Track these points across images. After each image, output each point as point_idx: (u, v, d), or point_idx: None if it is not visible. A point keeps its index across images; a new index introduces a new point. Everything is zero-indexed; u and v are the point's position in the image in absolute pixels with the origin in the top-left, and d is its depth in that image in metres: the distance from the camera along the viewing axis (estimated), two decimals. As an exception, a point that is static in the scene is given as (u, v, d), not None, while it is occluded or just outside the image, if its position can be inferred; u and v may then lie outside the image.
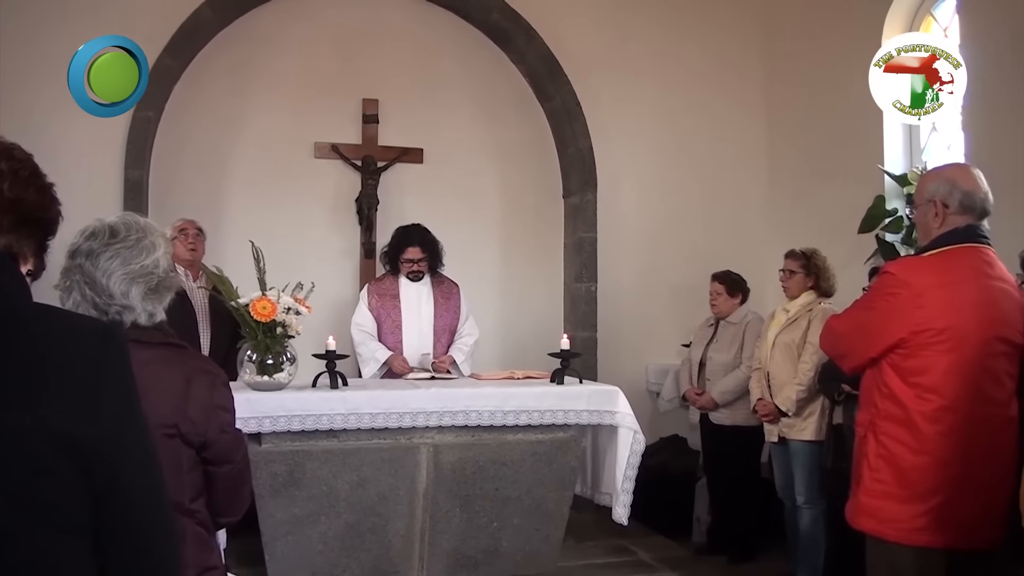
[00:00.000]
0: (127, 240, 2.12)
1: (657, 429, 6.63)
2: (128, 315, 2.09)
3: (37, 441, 1.17)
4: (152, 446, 1.36)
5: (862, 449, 3.02)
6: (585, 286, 7.11)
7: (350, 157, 6.94)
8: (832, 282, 5.17)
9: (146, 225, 2.19)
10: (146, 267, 2.12)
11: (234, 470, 2.32)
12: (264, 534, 4.33)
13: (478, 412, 4.52)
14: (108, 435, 1.24)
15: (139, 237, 2.14)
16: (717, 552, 5.68)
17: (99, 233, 2.12)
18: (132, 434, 1.30)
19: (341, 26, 6.94)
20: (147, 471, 1.33)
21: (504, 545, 4.65)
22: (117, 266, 2.08)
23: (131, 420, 1.30)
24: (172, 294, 2.23)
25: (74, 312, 1.96)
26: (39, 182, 1.42)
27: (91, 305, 2.07)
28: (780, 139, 7.33)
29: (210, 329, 5.33)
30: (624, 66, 7.23)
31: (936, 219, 3.00)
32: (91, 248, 2.10)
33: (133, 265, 2.10)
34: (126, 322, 2.08)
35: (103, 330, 1.34)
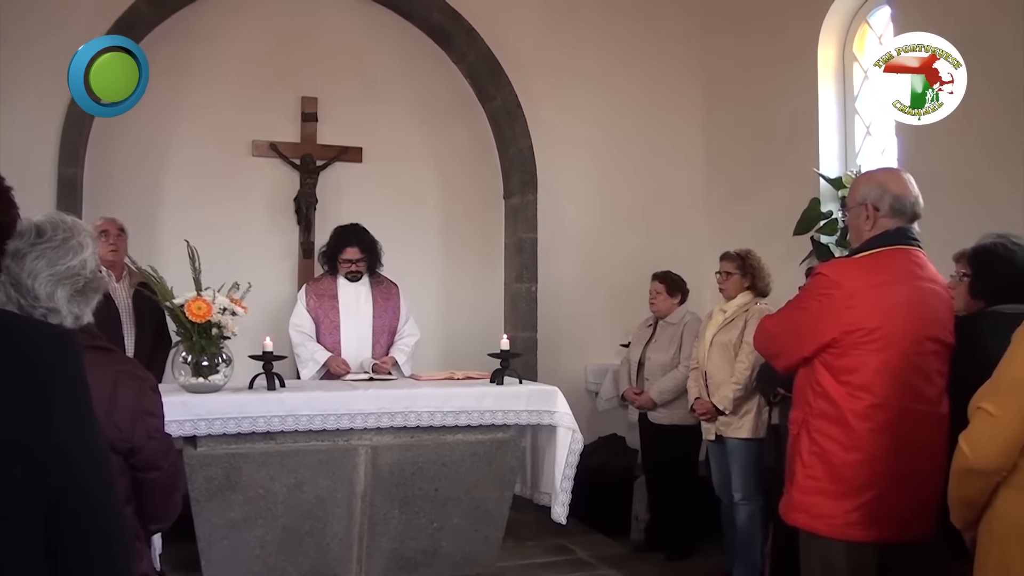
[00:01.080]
0: (53, 240, 2.05)
1: (596, 428, 6.66)
2: (54, 318, 2.03)
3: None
4: (104, 452, 1.34)
5: (795, 447, 3.07)
6: (525, 287, 7.13)
7: (288, 155, 6.87)
8: (768, 282, 5.25)
9: (73, 224, 2.12)
10: (73, 268, 2.05)
11: (163, 476, 2.28)
12: (200, 539, 4.26)
13: (417, 413, 4.51)
14: (61, 441, 1.22)
15: (66, 237, 2.07)
16: (655, 549, 5.74)
17: (25, 233, 2.05)
18: (85, 440, 1.28)
19: (280, 23, 6.87)
20: (99, 477, 1.31)
21: (443, 546, 4.64)
22: (43, 267, 2.02)
23: (84, 426, 1.28)
24: (99, 296, 2.16)
25: (30, 318, 1.89)
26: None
27: (16, 307, 2.01)
28: (718, 142, 7.42)
29: (134, 330, 5.22)
30: (565, 67, 7.26)
31: (868, 222, 3.06)
32: (16, 248, 2.02)
33: (59, 266, 2.03)
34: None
35: (58, 336, 1.32)
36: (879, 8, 6.14)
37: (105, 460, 1.35)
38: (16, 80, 5.92)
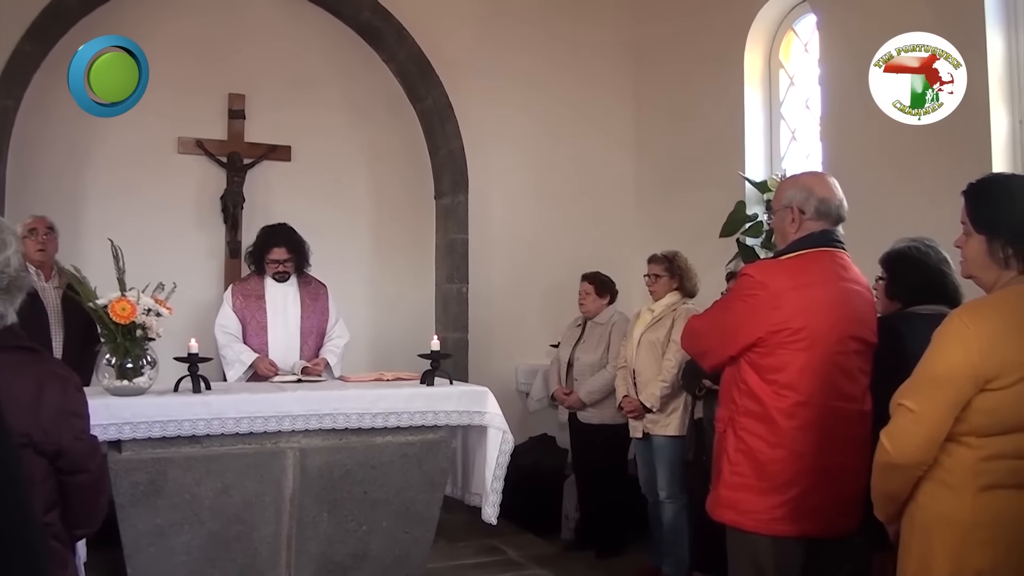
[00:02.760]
0: None
1: (527, 429, 6.69)
2: (-25, 317, 1.98)
3: None
4: (15, 464, 1.29)
5: (722, 444, 3.12)
6: (456, 287, 7.12)
7: (215, 153, 6.75)
8: (695, 282, 5.34)
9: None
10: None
11: (89, 479, 2.22)
12: (125, 546, 4.16)
13: (346, 415, 4.46)
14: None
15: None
16: (586, 548, 5.79)
17: None
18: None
19: (208, 18, 6.75)
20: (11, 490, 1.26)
21: (373, 549, 4.60)
22: None
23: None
24: (24, 295, 2.11)
25: None
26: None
27: None
28: (648, 145, 7.50)
29: (63, 331, 5.12)
30: (495, 68, 7.26)
31: (793, 224, 3.12)
32: None
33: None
34: None
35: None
36: (805, 16, 6.27)
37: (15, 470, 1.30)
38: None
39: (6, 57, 5.95)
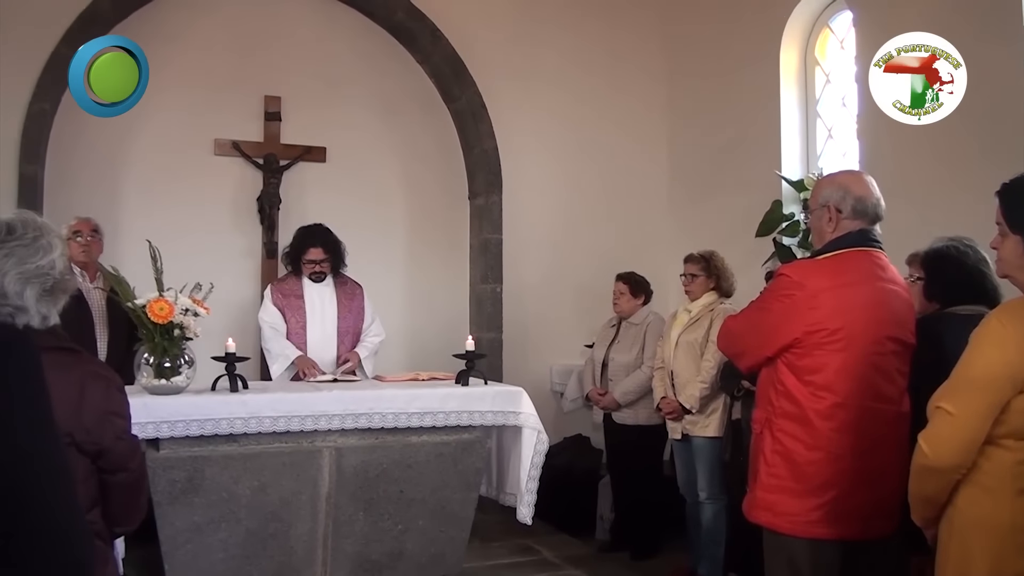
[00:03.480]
0: (23, 239, 2.04)
1: (561, 429, 6.68)
2: (21, 317, 2.01)
3: None
4: (64, 458, 1.31)
5: (758, 445, 3.10)
6: (491, 287, 7.13)
7: (251, 155, 6.82)
8: (732, 282, 5.30)
9: (43, 225, 2.11)
10: (42, 268, 2.04)
11: (130, 478, 2.26)
12: (163, 543, 4.21)
13: (381, 414, 4.48)
14: (15, 449, 1.19)
15: (36, 236, 2.06)
16: (620, 549, 5.76)
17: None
18: (41, 447, 1.25)
19: (243, 21, 6.82)
20: (57, 483, 1.28)
21: (409, 548, 4.63)
22: (12, 265, 2.00)
23: (40, 433, 1.25)
24: (67, 297, 2.15)
25: None
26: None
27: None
28: (682, 144, 7.47)
29: (108, 331, 5.18)
30: (529, 68, 7.27)
31: (830, 224, 3.09)
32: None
33: (28, 265, 2.02)
34: (19, 324, 2.00)
35: (6, 339, 1.29)
36: (840, 13, 6.21)
37: (63, 465, 1.32)
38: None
39: (43, 61, 6.04)
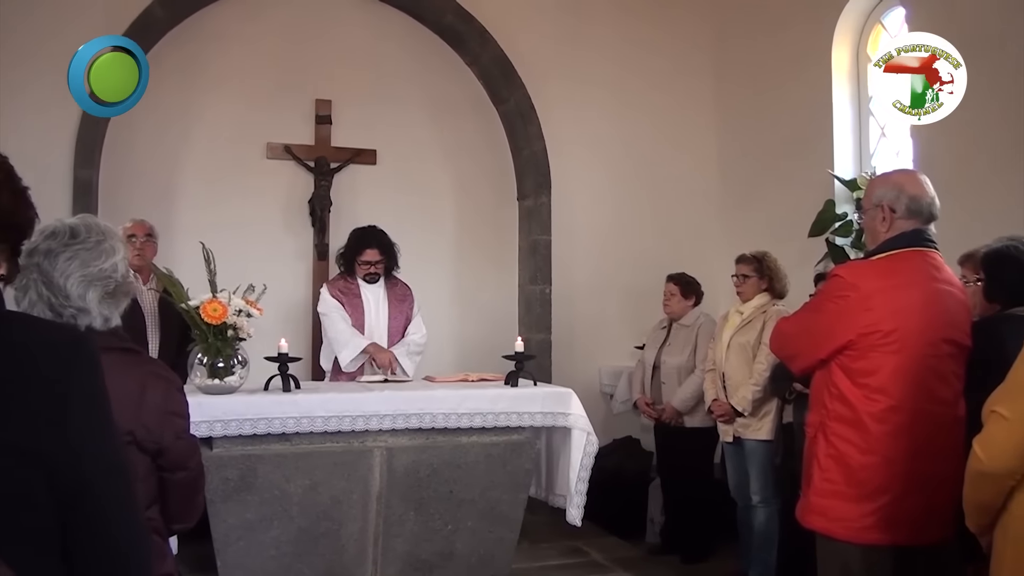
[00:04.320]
0: (87, 242, 2.09)
1: (611, 431, 6.66)
2: (83, 318, 2.06)
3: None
4: (123, 457, 1.33)
5: (812, 449, 3.06)
6: (540, 288, 7.13)
7: (303, 158, 6.89)
8: (785, 283, 5.24)
9: (106, 229, 2.16)
10: (104, 271, 2.08)
11: (189, 477, 2.30)
12: (216, 540, 4.27)
13: (432, 414, 4.51)
14: (74, 447, 1.21)
15: (99, 240, 2.11)
16: (670, 552, 5.72)
17: (59, 233, 2.09)
18: (100, 446, 1.27)
19: (294, 26, 6.90)
20: (116, 483, 1.30)
21: (458, 548, 4.64)
22: (75, 268, 2.05)
23: (99, 431, 1.27)
24: (128, 300, 2.19)
25: (45, 320, 1.90)
26: (13, 186, 1.39)
27: (47, 305, 2.03)
28: (731, 143, 7.41)
29: (159, 332, 5.25)
30: (578, 69, 7.27)
31: (884, 223, 3.05)
32: (50, 248, 2.06)
33: (92, 268, 2.06)
34: (81, 325, 2.04)
35: (73, 340, 1.31)
36: (893, 9, 6.12)
37: (122, 465, 1.33)
38: (31, 82, 5.95)
39: (98, 67, 6.15)
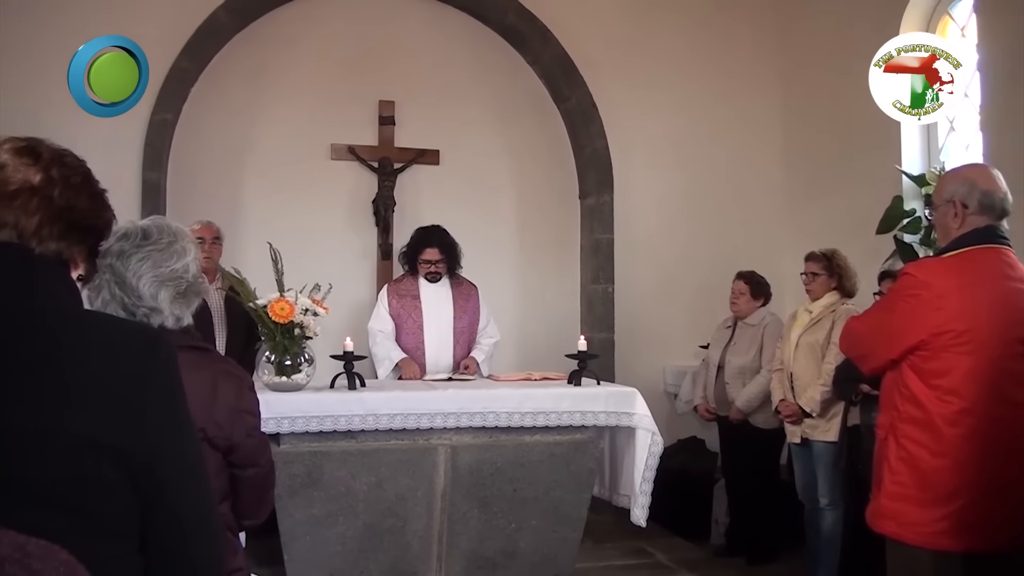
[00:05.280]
0: (158, 243, 2.13)
1: (675, 430, 6.61)
2: (156, 317, 2.10)
3: (78, 448, 1.17)
4: (199, 457, 1.36)
5: (883, 451, 3.01)
6: (602, 287, 7.11)
7: (367, 159, 6.96)
8: (854, 282, 5.14)
9: (177, 230, 2.20)
10: (176, 271, 2.13)
11: (260, 473, 2.34)
12: (283, 534, 4.34)
13: (495, 413, 4.52)
14: (153, 444, 1.24)
15: (170, 241, 2.15)
16: (735, 554, 5.67)
17: (131, 235, 2.13)
18: (178, 443, 1.29)
19: (357, 28, 6.97)
20: (192, 480, 1.32)
21: (522, 547, 4.65)
22: (147, 268, 2.09)
23: (177, 429, 1.29)
24: (199, 300, 2.24)
25: (123, 319, 1.95)
26: (91, 188, 1.42)
27: (119, 305, 2.08)
28: (797, 139, 7.31)
29: (226, 331, 5.36)
30: (640, 66, 7.23)
31: (955, 220, 2.99)
32: (122, 249, 2.10)
33: (163, 268, 2.11)
34: (153, 324, 2.09)
35: (151, 338, 1.34)
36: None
37: (199, 462, 1.36)
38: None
39: (164, 74, 6.28)
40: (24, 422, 1.15)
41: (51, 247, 1.34)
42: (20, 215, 1.32)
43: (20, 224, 1.32)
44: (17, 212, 1.32)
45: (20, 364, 1.18)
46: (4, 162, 1.35)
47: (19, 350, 1.19)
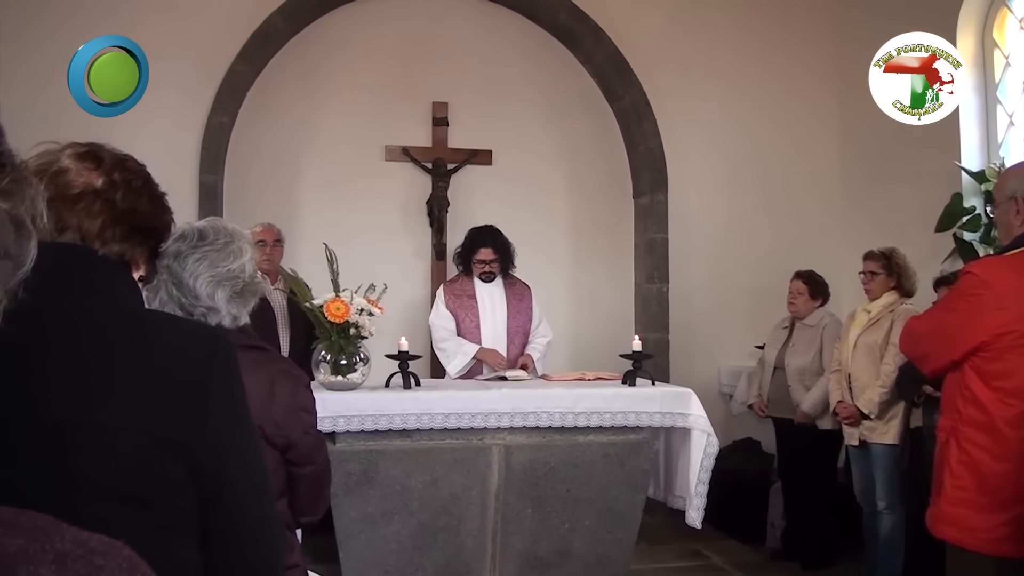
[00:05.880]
0: (215, 244, 2.16)
1: (730, 432, 6.55)
2: (213, 317, 2.13)
3: (142, 444, 1.20)
4: (258, 454, 1.38)
5: (944, 455, 2.95)
6: (656, 287, 7.07)
7: (420, 160, 7.01)
8: (914, 281, 5.05)
9: (233, 231, 2.23)
10: (232, 271, 2.16)
11: (316, 471, 2.36)
12: (339, 532, 4.38)
13: (549, 413, 4.52)
14: (213, 439, 1.26)
15: (226, 242, 2.18)
16: (791, 558, 5.60)
17: (188, 236, 2.17)
18: (238, 439, 1.31)
19: (409, 30, 7.02)
20: (250, 478, 1.34)
21: (576, 547, 4.64)
22: (204, 268, 2.13)
23: (237, 427, 1.31)
24: (256, 299, 2.26)
25: (184, 318, 1.98)
26: (152, 192, 1.46)
27: (176, 305, 2.12)
28: (853, 136, 7.20)
29: (289, 331, 5.43)
30: (693, 63, 7.18)
31: (1018, 217, 2.92)
32: (179, 250, 2.14)
33: (220, 268, 2.14)
34: (211, 323, 2.12)
35: (212, 337, 1.36)
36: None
37: (259, 458, 1.38)
38: (158, 92, 6.20)
39: (220, 78, 6.40)
40: (87, 417, 1.17)
41: (114, 249, 1.37)
42: (83, 218, 1.36)
43: (83, 226, 1.36)
44: (80, 215, 1.36)
45: (84, 362, 1.21)
46: (66, 167, 1.38)
47: (83, 348, 1.22)
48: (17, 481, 1.12)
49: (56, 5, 6.05)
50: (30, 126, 1.72)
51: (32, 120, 3.83)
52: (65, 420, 1.17)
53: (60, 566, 0.58)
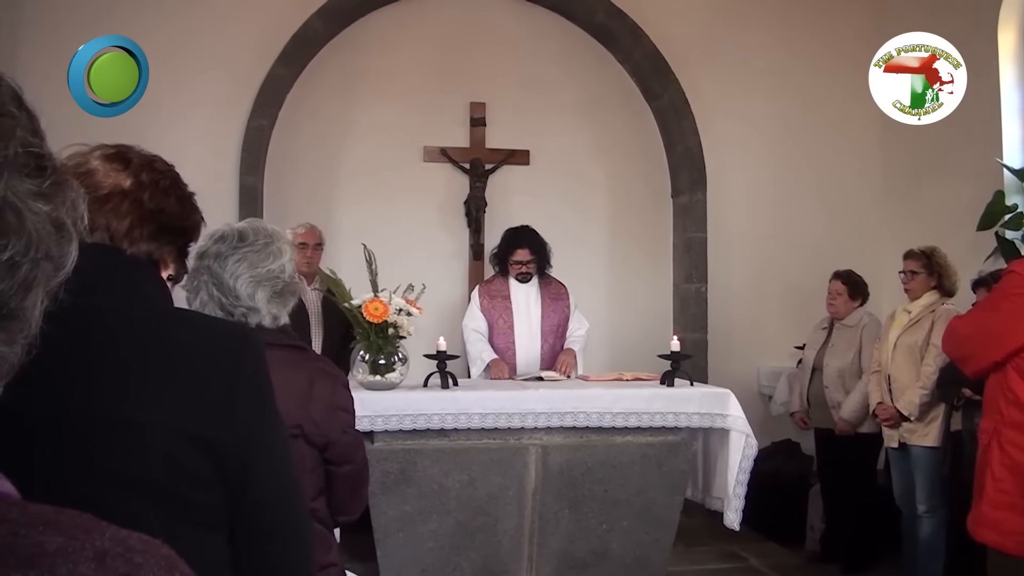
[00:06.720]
0: (255, 245, 2.19)
1: (769, 433, 6.49)
2: (253, 317, 2.16)
3: (174, 441, 1.22)
4: (286, 450, 1.39)
5: (986, 458, 2.92)
6: (695, 287, 7.04)
7: (458, 160, 7.03)
8: (955, 280, 4.98)
9: (273, 232, 2.26)
10: (272, 271, 2.18)
11: (355, 470, 2.38)
12: (376, 530, 4.41)
13: (586, 413, 4.51)
14: (241, 438, 1.27)
15: (266, 243, 2.21)
16: (830, 561, 5.55)
17: (228, 237, 2.20)
18: (265, 438, 1.33)
19: (447, 30, 7.04)
20: (279, 475, 1.36)
21: (613, 548, 4.63)
22: (244, 269, 2.15)
23: (265, 424, 1.33)
24: (296, 299, 2.29)
25: (212, 316, 2.02)
26: (179, 192, 1.48)
27: (217, 305, 2.14)
28: (894, 133, 7.09)
29: (322, 330, 5.47)
30: (732, 62, 7.14)
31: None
32: (219, 251, 2.17)
33: (260, 269, 2.16)
34: (251, 324, 2.15)
35: (240, 335, 1.38)
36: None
37: (286, 455, 1.39)
38: (200, 96, 6.31)
39: (260, 81, 6.47)
40: (120, 415, 1.19)
41: (142, 248, 1.40)
42: (111, 218, 1.38)
43: (112, 226, 1.38)
44: (108, 215, 1.38)
45: (115, 360, 1.23)
46: (94, 168, 1.41)
47: (113, 347, 1.24)
48: (55, 479, 1.14)
49: (91, 7, 6.07)
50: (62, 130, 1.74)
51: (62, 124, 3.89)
52: (102, 418, 1.19)
53: (99, 564, 0.59)
